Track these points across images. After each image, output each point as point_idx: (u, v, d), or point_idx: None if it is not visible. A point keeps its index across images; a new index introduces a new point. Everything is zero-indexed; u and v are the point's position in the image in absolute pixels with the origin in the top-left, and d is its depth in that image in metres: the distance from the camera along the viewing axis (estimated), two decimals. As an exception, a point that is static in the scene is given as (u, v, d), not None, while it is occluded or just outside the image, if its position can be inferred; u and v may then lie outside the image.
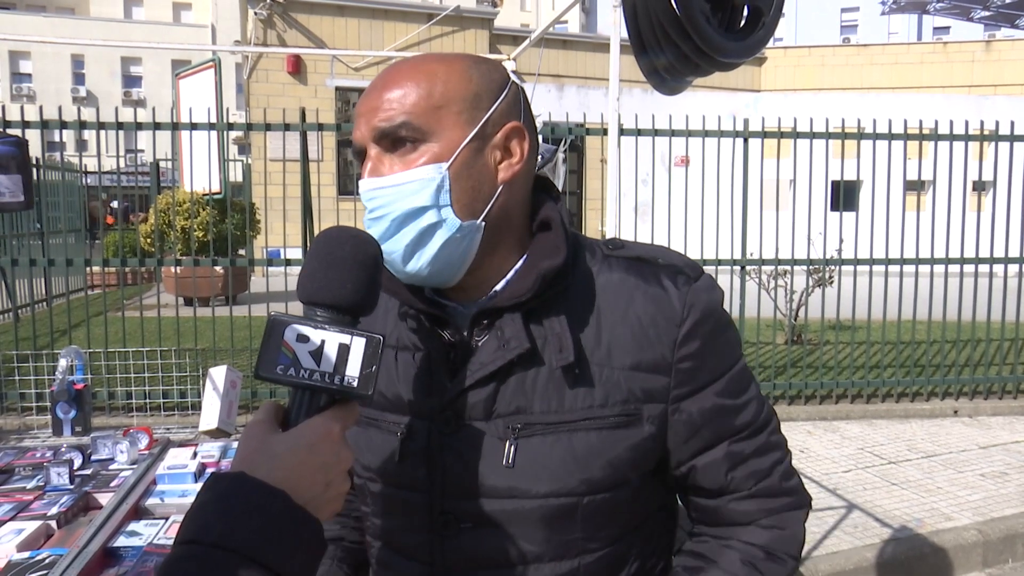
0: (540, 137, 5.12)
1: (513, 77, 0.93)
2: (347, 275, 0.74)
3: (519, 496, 0.86)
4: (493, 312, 0.88)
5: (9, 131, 4.87)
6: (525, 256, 0.90)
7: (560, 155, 4.48)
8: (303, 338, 0.72)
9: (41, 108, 5.11)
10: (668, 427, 0.89)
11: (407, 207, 0.84)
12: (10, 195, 1.88)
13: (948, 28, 28.49)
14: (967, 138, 5.55)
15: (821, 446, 4.85)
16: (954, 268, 5.69)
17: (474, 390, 0.87)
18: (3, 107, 5.07)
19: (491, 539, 0.88)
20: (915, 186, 5.89)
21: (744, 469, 0.91)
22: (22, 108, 5.29)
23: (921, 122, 5.66)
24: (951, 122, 5.59)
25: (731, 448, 0.91)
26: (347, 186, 13.31)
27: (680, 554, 0.97)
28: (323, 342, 0.72)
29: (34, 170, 7.86)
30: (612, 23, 3.19)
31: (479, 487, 0.87)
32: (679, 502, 1.01)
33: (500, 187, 0.87)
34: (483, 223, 0.86)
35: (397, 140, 0.84)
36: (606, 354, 0.87)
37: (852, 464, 4.51)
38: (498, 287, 0.90)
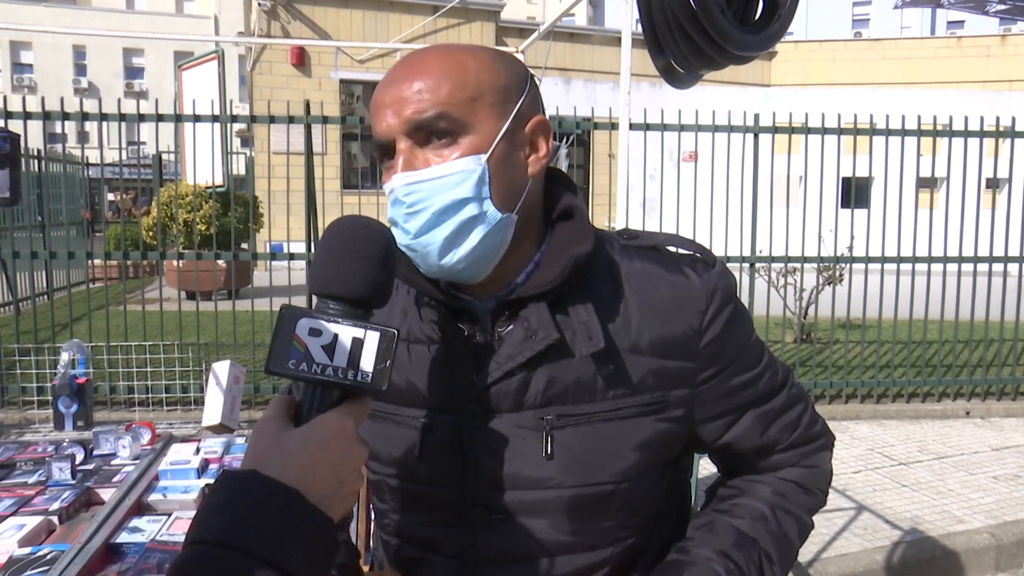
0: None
1: (530, 70, 0.92)
2: (359, 266, 0.72)
3: (555, 487, 0.86)
4: (516, 303, 0.87)
5: (11, 122, 4.84)
6: (545, 245, 0.90)
7: (563, 150, 4.43)
8: (315, 332, 0.69)
9: (43, 99, 5.06)
10: (694, 410, 0.91)
11: (448, 200, 0.81)
12: None
13: (962, 22, 28.43)
14: (981, 134, 5.49)
15: (830, 446, 4.80)
16: (967, 267, 5.62)
17: (503, 382, 0.86)
18: (4, 98, 5.02)
19: (525, 530, 0.88)
20: (928, 183, 5.82)
21: (777, 425, 0.96)
22: (23, 99, 5.25)
23: (934, 118, 5.60)
24: (965, 118, 5.53)
25: (759, 411, 0.95)
26: (351, 180, 13.28)
27: (716, 491, 1.02)
28: (336, 336, 0.69)
29: (36, 162, 7.86)
30: (623, 16, 3.15)
31: (514, 479, 0.87)
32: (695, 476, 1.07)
33: (529, 180, 0.87)
34: (516, 216, 0.86)
35: (433, 133, 0.81)
36: (634, 341, 0.88)
37: (862, 465, 4.46)
38: (519, 279, 0.89)
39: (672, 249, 0.96)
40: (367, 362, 0.69)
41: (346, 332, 0.70)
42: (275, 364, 0.69)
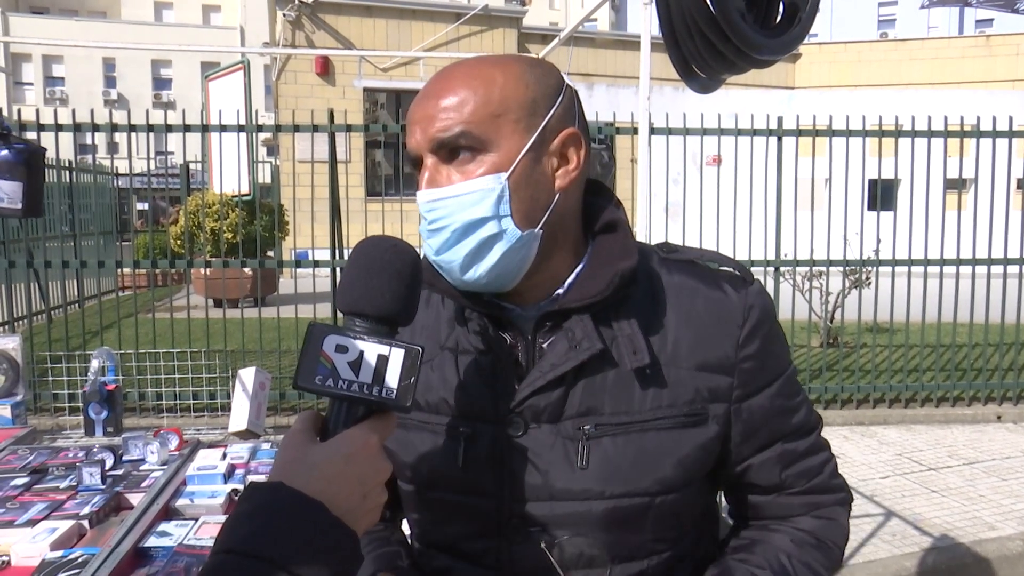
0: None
1: (567, 80, 0.90)
2: (386, 285, 0.73)
3: (592, 498, 0.86)
4: (559, 314, 0.88)
5: (43, 134, 4.96)
6: (587, 258, 0.91)
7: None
8: (342, 348, 0.71)
9: (73, 111, 5.17)
10: (731, 427, 0.91)
11: (467, 218, 0.83)
12: (8, 201, 1.88)
13: (991, 20, 27.84)
14: (1011, 135, 5.40)
15: (858, 452, 4.73)
16: (997, 269, 5.53)
17: (544, 392, 0.87)
18: (37, 111, 5.14)
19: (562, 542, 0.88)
20: (956, 185, 5.72)
21: (797, 467, 0.94)
22: (55, 111, 5.36)
23: (962, 118, 5.52)
24: (994, 118, 5.44)
25: (785, 447, 0.94)
26: (375, 187, 13.38)
27: (729, 541, 0.99)
28: (362, 353, 0.71)
29: (66, 172, 8.01)
30: (643, 21, 3.14)
31: (550, 490, 0.87)
32: (722, 499, 1.04)
33: (557, 195, 0.86)
34: (541, 231, 0.85)
35: (455, 149, 0.83)
36: (672, 355, 0.89)
37: (890, 470, 4.39)
38: (560, 290, 0.89)
39: (711, 265, 0.96)
40: (392, 379, 0.71)
41: (372, 349, 0.71)
42: (303, 379, 0.71)
